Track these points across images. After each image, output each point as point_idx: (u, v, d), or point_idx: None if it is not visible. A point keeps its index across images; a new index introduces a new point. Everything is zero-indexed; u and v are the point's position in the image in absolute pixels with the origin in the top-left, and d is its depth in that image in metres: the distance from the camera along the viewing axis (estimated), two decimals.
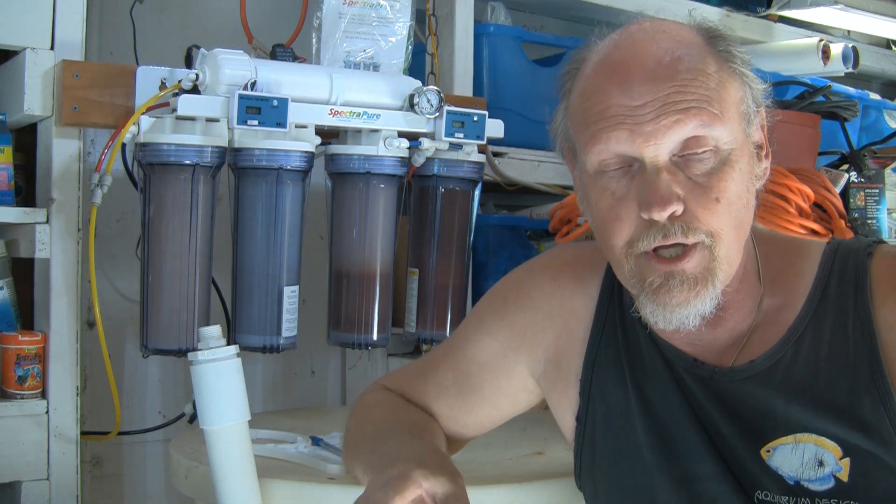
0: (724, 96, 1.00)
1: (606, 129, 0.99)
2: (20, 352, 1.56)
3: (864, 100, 2.62)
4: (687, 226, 0.98)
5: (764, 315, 1.06)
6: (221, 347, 1.25)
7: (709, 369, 1.06)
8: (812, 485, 1.01)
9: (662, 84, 0.98)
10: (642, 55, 1.00)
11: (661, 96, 0.97)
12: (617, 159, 1.00)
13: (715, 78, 0.99)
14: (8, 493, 1.58)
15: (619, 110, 0.99)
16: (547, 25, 2.52)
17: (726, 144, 0.99)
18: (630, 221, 1.00)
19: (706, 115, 0.97)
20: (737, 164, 1.00)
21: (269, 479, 1.28)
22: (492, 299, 1.24)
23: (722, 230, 0.99)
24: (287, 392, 2.19)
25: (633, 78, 0.99)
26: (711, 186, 0.98)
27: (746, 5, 2.59)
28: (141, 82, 1.55)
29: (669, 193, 0.97)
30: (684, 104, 0.97)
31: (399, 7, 1.74)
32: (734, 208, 1.00)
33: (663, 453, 1.08)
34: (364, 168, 1.66)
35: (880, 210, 1.91)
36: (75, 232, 1.59)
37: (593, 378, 1.14)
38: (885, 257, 1.04)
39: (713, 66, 1.00)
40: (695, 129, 0.97)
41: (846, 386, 1.00)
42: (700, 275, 0.99)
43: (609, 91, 1.00)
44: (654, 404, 1.10)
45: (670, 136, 0.97)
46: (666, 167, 0.98)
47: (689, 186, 0.98)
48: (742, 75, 1.03)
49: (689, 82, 0.98)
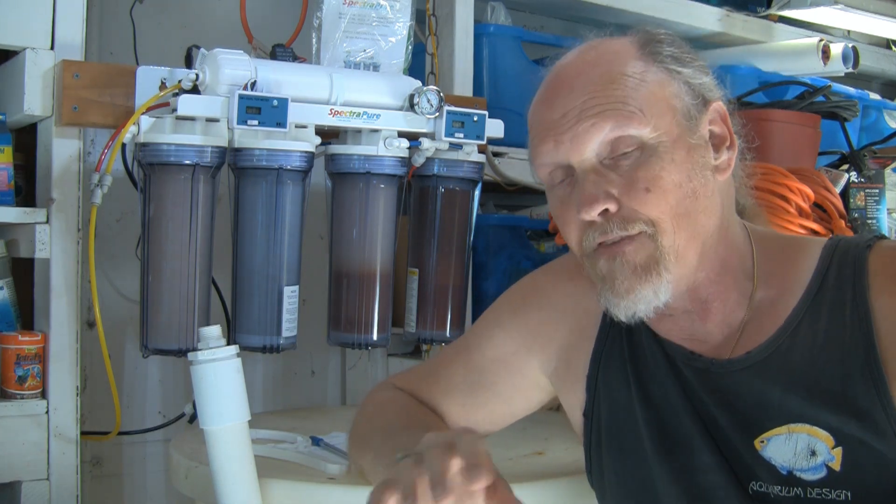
0: (644, 94, 1.04)
1: (537, 145, 1.08)
2: (20, 352, 1.56)
3: (864, 100, 2.63)
4: (624, 219, 1.03)
5: (758, 307, 1.08)
6: (221, 347, 1.25)
7: (706, 361, 1.08)
8: (804, 474, 1.02)
9: (578, 93, 1.05)
10: (565, 74, 1.08)
11: (577, 105, 1.04)
12: (557, 170, 1.08)
13: (634, 79, 1.05)
14: (8, 493, 1.58)
15: (546, 125, 1.07)
16: (547, 25, 2.52)
17: (652, 139, 1.03)
18: (575, 224, 1.06)
19: (621, 115, 1.03)
20: (667, 155, 1.03)
21: (269, 479, 1.28)
22: (509, 298, 1.27)
23: (661, 219, 1.02)
24: (287, 392, 2.19)
25: (556, 95, 1.07)
26: (639, 178, 1.03)
27: (746, 5, 2.59)
28: (141, 82, 1.55)
29: (596, 193, 1.03)
30: (598, 108, 1.03)
31: (399, 7, 1.74)
32: (671, 197, 1.03)
33: (663, 445, 1.10)
34: (364, 168, 1.66)
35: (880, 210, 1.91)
36: (75, 232, 1.59)
37: (599, 374, 1.16)
38: (885, 250, 1.06)
39: (634, 69, 1.05)
40: (612, 130, 1.03)
41: (840, 374, 1.01)
42: (643, 262, 1.03)
43: (539, 111, 1.09)
44: (654, 398, 1.11)
45: (589, 140, 1.03)
46: (593, 169, 1.04)
47: (619, 183, 1.03)
48: (673, 72, 1.07)
49: (603, 87, 1.04)
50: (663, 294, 1.04)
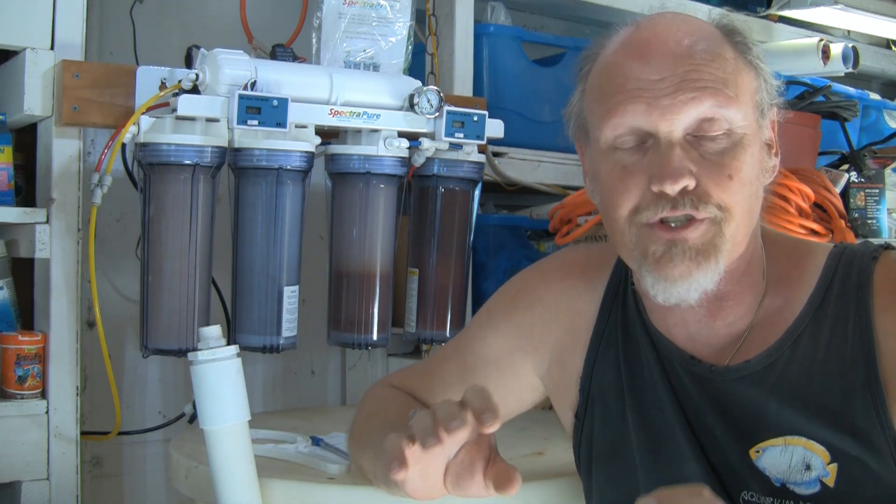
0: (739, 82, 1.01)
1: (624, 102, 1.00)
2: (20, 352, 1.56)
3: (864, 100, 2.62)
4: (698, 199, 0.98)
5: (764, 314, 1.06)
6: (221, 347, 1.25)
7: (705, 367, 1.07)
8: (798, 488, 1.01)
9: (681, 61, 0.99)
10: (662, 36, 1.02)
11: (679, 72, 0.99)
12: (631, 135, 1.02)
13: (732, 63, 1.01)
14: (8, 493, 1.58)
15: (638, 83, 1.00)
16: (547, 25, 2.52)
17: (739, 128, 1.01)
18: (637, 191, 1.00)
19: (722, 96, 0.99)
20: (749, 148, 1.01)
21: (269, 479, 1.28)
22: (501, 298, 1.26)
23: (733, 207, 0.99)
24: (287, 392, 2.19)
25: (653, 54, 1.00)
26: (725, 164, 0.99)
27: (746, 5, 2.59)
28: (141, 82, 1.55)
29: (682, 167, 0.98)
30: (701, 83, 0.99)
31: (399, 7, 1.74)
32: (746, 190, 1.01)
33: (651, 453, 1.09)
34: (364, 168, 1.66)
35: (880, 210, 1.91)
36: (75, 232, 1.59)
37: (593, 377, 1.15)
38: (890, 264, 1.03)
39: (730, 53, 1.02)
40: (710, 109, 0.99)
41: (840, 390, 1.00)
42: (703, 247, 0.99)
43: (628, 66, 1.01)
44: (646, 404, 1.10)
45: (686, 113, 0.99)
46: (680, 143, 0.99)
47: (702, 163, 0.99)
48: (757, 67, 1.05)
49: (706, 63, 1.00)
50: (713, 279, 1.00)
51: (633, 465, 1.11)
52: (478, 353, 1.22)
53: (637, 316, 1.12)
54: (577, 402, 1.17)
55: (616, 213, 1.03)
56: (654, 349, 1.11)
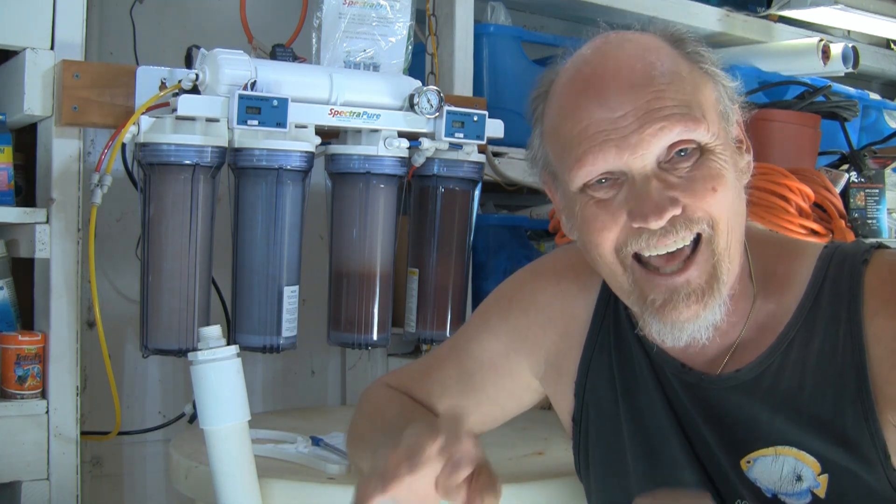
0: (701, 99, 0.98)
1: (592, 150, 0.97)
2: (20, 352, 1.56)
3: (864, 100, 2.62)
4: (688, 220, 0.96)
5: (755, 320, 1.05)
6: (221, 347, 1.25)
7: (696, 376, 1.05)
8: (789, 499, 1.00)
9: (639, 91, 0.96)
10: (614, 65, 0.98)
11: (641, 104, 0.95)
12: (603, 176, 0.98)
13: (689, 81, 0.98)
14: (8, 493, 1.58)
15: (601, 125, 0.96)
16: (547, 25, 2.52)
17: (709, 143, 0.98)
18: (616, 227, 0.98)
19: (689, 120, 0.96)
20: (722, 156, 0.99)
21: (269, 479, 1.28)
22: (496, 300, 1.25)
23: (721, 217, 0.97)
24: (287, 392, 2.19)
25: (608, 90, 0.96)
26: (704, 177, 0.97)
27: (746, 5, 2.59)
28: (141, 82, 1.55)
29: (663, 200, 0.95)
30: (666, 111, 0.95)
31: (399, 7, 1.74)
32: (729, 196, 0.98)
33: (646, 460, 1.08)
34: (364, 168, 1.66)
35: (880, 210, 1.91)
36: (75, 232, 1.59)
37: (587, 382, 1.15)
38: (881, 266, 1.01)
39: (685, 68, 0.99)
40: (679, 135, 0.96)
41: (831, 399, 0.98)
42: (706, 283, 0.97)
43: (586, 107, 0.98)
44: (640, 410, 1.09)
45: (656, 144, 0.96)
46: (655, 174, 0.96)
47: (682, 184, 0.96)
48: (713, 75, 1.02)
49: (666, 87, 0.96)
50: (720, 311, 0.99)
51: (626, 472, 1.10)
52: (474, 354, 1.22)
53: (629, 323, 1.11)
54: (574, 407, 1.16)
55: (599, 250, 1.00)
56: (646, 356, 1.09)
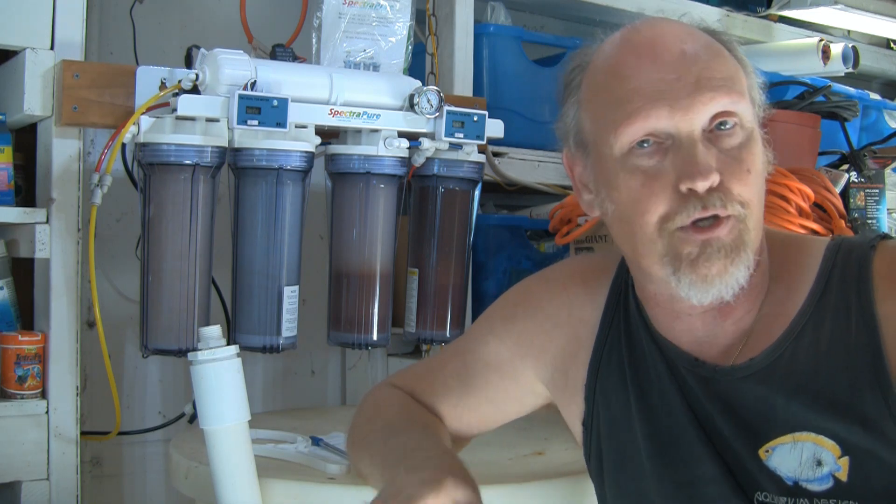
0: (740, 78, 1.03)
1: (646, 107, 0.99)
2: (20, 352, 1.56)
3: (864, 100, 2.62)
4: (724, 197, 0.98)
5: (767, 309, 1.06)
6: (221, 347, 1.25)
7: (709, 368, 1.06)
8: (811, 485, 0.99)
9: (693, 60, 1.00)
10: (667, 37, 1.02)
11: (694, 71, 0.99)
12: (650, 137, 1.00)
13: (731, 61, 1.04)
14: (8, 493, 1.58)
15: (657, 84, 0.99)
16: (547, 25, 2.52)
17: (748, 122, 1.02)
18: (665, 196, 0.99)
19: (735, 93, 1.00)
20: (758, 141, 1.03)
21: (269, 479, 1.28)
22: (503, 305, 1.26)
23: (752, 200, 1.00)
24: (287, 392, 2.19)
25: (664, 54, 1.00)
26: (743, 159, 1.00)
27: (746, 5, 2.59)
28: (141, 82, 1.55)
29: (709, 164, 0.98)
30: (716, 81, 1.00)
31: (399, 7, 1.74)
32: (759, 182, 1.02)
33: (663, 458, 1.08)
34: (364, 168, 1.66)
35: (880, 210, 1.90)
36: (75, 232, 1.59)
37: (597, 384, 1.15)
38: (889, 251, 1.03)
39: (725, 52, 1.04)
40: (726, 106, 0.99)
41: (847, 381, 0.99)
42: (734, 242, 1.00)
43: (641, 66, 1.00)
44: (655, 408, 1.09)
45: (706, 111, 0.99)
46: (701, 140, 0.99)
47: (722, 160, 0.99)
48: (745, 65, 1.06)
49: (714, 60, 1.01)
50: (745, 272, 1.01)
51: (641, 473, 1.10)
52: (479, 356, 1.22)
53: (641, 322, 1.12)
54: (584, 411, 1.16)
55: (643, 219, 1.00)
56: (660, 354, 1.10)
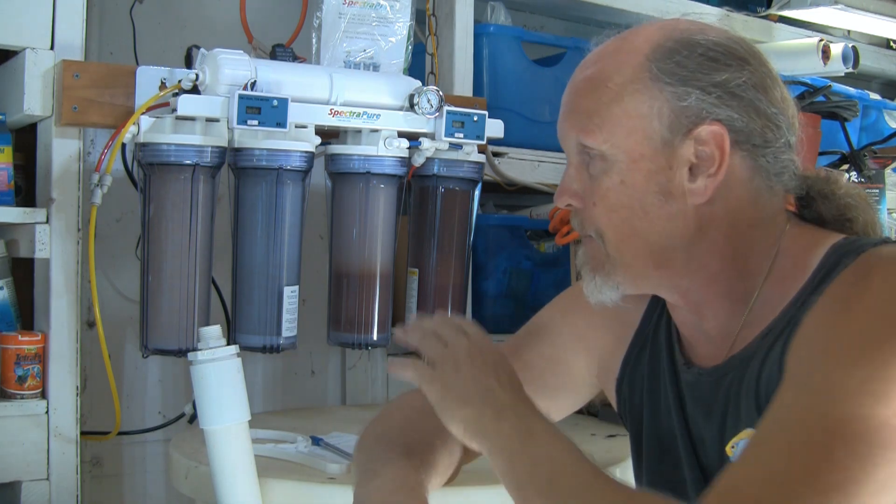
0: (614, 111, 1.01)
1: None
2: (20, 352, 1.56)
3: (864, 100, 2.62)
4: (581, 221, 1.06)
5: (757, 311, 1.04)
6: (221, 347, 1.25)
7: (695, 372, 1.07)
8: None
9: (571, 90, 1.07)
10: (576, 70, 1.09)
11: (567, 100, 1.07)
12: None
13: (612, 91, 1.01)
14: (8, 493, 1.58)
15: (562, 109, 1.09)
16: (547, 25, 2.52)
17: (609, 154, 1.02)
18: None
19: (583, 128, 1.03)
20: (619, 176, 1.01)
21: (269, 479, 1.28)
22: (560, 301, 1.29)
23: (606, 232, 1.03)
24: (287, 392, 2.19)
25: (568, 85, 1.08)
26: (593, 190, 1.04)
27: (746, 5, 2.59)
28: (141, 82, 1.56)
29: (565, 186, 1.06)
30: (573, 116, 1.05)
31: (399, 7, 1.74)
32: (617, 216, 1.02)
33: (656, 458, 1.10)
34: (364, 168, 1.66)
35: (880, 210, 1.91)
36: (75, 232, 1.59)
37: (625, 379, 1.18)
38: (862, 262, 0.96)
39: (618, 80, 1.01)
40: (577, 136, 1.04)
41: None
42: (595, 260, 1.06)
43: None
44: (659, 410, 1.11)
45: (568, 141, 1.06)
46: (573, 162, 1.06)
47: (583, 186, 1.05)
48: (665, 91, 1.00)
49: (581, 94, 1.05)
50: (613, 292, 1.06)
51: (642, 468, 1.12)
52: (535, 349, 1.24)
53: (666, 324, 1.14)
54: (617, 403, 1.20)
55: None
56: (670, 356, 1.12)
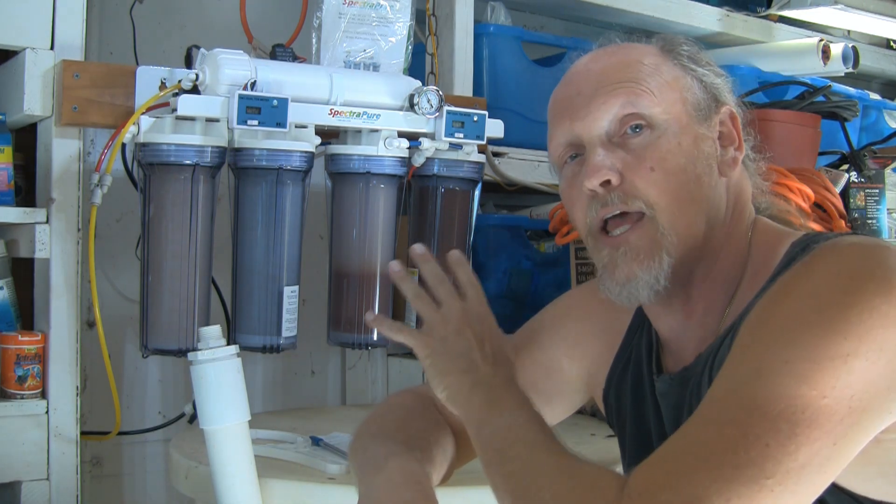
0: (658, 80, 1.05)
1: (554, 125, 1.10)
2: (20, 352, 1.56)
3: (864, 100, 2.62)
4: (625, 194, 1.02)
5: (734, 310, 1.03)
6: (221, 347, 1.25)
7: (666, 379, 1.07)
8: None
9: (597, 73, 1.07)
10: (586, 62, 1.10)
11: (593, 82, 1.06)
12: (568, 148, 1.08)
13: (649, 67, 1.05)
14: (8, 493, 1.58)
15: (562, 104, 1.09)
16: (547, 25, 2.52)
17: (661, 120, 1.03)
18: (581, 200, 1.05)
19: (632, 92, 1.03)
20: (675, 138, 1.03)
21: (269, 479, 1.28)
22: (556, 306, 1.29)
23: (661, 200, 1.01)
24: (287, 392, 2.19)
25: (574, 77, 1.09)
26: (645, 156, 1.02)
27: (746, 5, 2.59)
28: (141, 82, 1.55)
29: (600, 164, 1.02)
30: (612, 86, 1.04)
31: (399, 7, 1.74)
32: (675, 180, 1.01)
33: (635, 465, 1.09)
34: (364, 168, 1.66)
35: (880, 210, 1.91)
36: (75, 232, 1.59)
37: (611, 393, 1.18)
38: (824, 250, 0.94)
39: (650, 60, 1.06)
40: (623, 107, 1.03)
41: None
42: (645, 245, 1.02)
43: (556, 93, 1.11)
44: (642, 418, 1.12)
45: (601, 116, 1.04)
46: (601, 143, 1.04)
47: (626, 160, 1.03)
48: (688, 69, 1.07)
49: (618, 70, 1.06)
50: (661, 275, 1.02)
51: None
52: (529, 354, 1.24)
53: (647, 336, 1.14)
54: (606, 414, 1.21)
55: (576, 225, 1.09)
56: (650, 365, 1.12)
